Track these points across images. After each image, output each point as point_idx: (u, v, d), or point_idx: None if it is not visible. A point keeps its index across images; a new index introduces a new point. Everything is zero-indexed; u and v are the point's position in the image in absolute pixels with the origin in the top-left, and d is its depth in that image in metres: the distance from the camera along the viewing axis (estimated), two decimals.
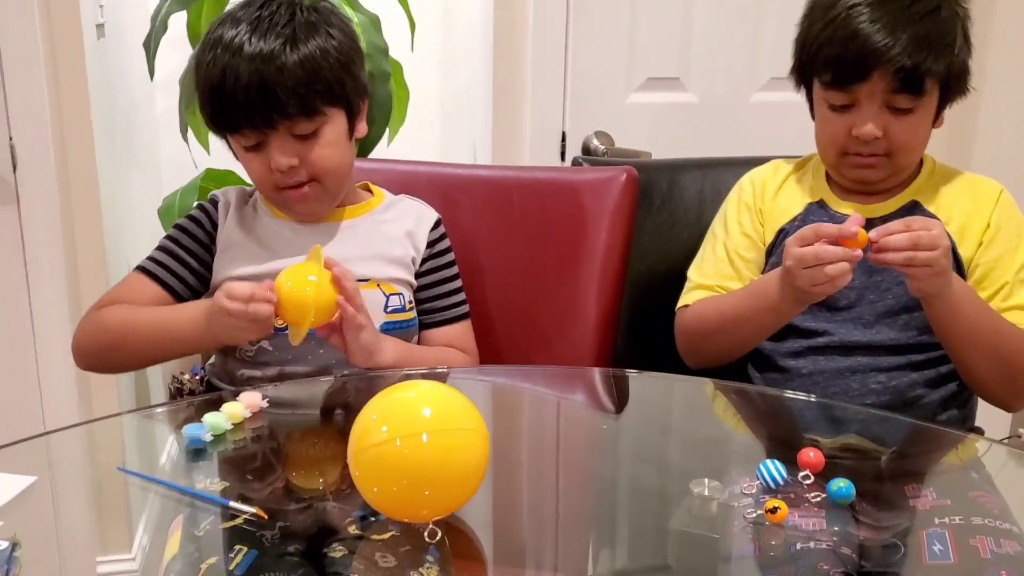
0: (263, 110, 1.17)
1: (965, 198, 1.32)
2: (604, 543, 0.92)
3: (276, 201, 1.28)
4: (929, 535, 0.84)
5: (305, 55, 1.17)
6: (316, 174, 1.23)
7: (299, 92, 1.17)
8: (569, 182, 1.49)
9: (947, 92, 1.28)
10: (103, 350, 1.24)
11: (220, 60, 1.17)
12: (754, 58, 2.08)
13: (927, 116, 1.28)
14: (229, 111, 1.18)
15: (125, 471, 0.96)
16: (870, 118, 1.26)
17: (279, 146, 1.20)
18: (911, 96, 1.24)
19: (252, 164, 1.23)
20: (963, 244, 1.30)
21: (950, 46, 1.24)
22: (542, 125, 2.06)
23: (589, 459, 1.10)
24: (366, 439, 0.79)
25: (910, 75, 1.22)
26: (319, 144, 1.21)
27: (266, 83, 1.15)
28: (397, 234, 1.32)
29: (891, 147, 1.28)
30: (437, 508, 0.81)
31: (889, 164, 1.29)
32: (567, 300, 1.44)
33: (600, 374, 1.34)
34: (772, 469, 0.89)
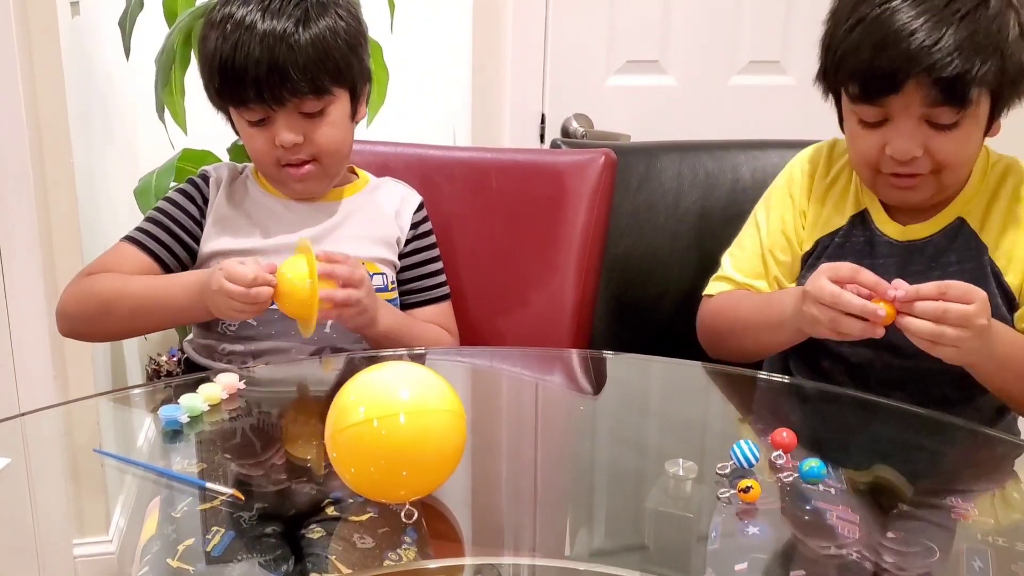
0: (273, 87, 1.18)
1: (1015, 213, 1.16)
2: (581, 523, 0.93)
3: (274, 178, 1.29)
4: (969, 549, 0.82)
5: (316, 34, 1.19)
6: (318, 153, 1.24)
7: (309, 71, 1.18)
8: (548, 164, 1.49)
9: (1000, 98, 1.10)
10: (91, 316, 1.23)
11: (231, 36, 1.18)
12: (733, 41, 2.09)
13: (976, 128, 1.10)
14: (238, 86, 1.19)
15: (101, 453, 0.96)
16: (906, 135, 1.09)
17: (286, 123, 1.21)
18: (955, 108, 1.06)
19: (255, 139, 1.24)
20: (1010, 272, 1.16)
21: (1001, 46, 1.06)
22: (521, 108, 2.06)
23: (566, 440, 1.11)
24: (343, 420, 0.79)
25: (951, 85, 1.04)
26: (324, 123, 1.23)
27: (278, 61, 1.17)
28: (383, 215, 1.34)
29: (935, 166, 1.11)
30: (414, 489, 0.81)
31: (934, 183, 1.13)
32: (545, 282, 1.44)
33: (578, 356, 1.35)
34: (745, 449, 0.90)
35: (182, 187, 1.32)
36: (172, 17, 1.77)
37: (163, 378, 2.19)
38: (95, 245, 1.89)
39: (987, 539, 0.84)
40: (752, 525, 0.84)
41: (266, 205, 1.30)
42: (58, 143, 1.73)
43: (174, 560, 0.77)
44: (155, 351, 2.32)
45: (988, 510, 0.93)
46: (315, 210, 1.31)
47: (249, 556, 0.78)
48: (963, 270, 1.16)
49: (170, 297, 1.20)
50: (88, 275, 1.24)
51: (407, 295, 1.35)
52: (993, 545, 0.83)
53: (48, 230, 1.76)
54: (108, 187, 2.07)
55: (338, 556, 0.78)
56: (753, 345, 1.25)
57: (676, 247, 1.52)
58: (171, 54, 1.71)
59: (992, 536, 0.84)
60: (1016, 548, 0.83)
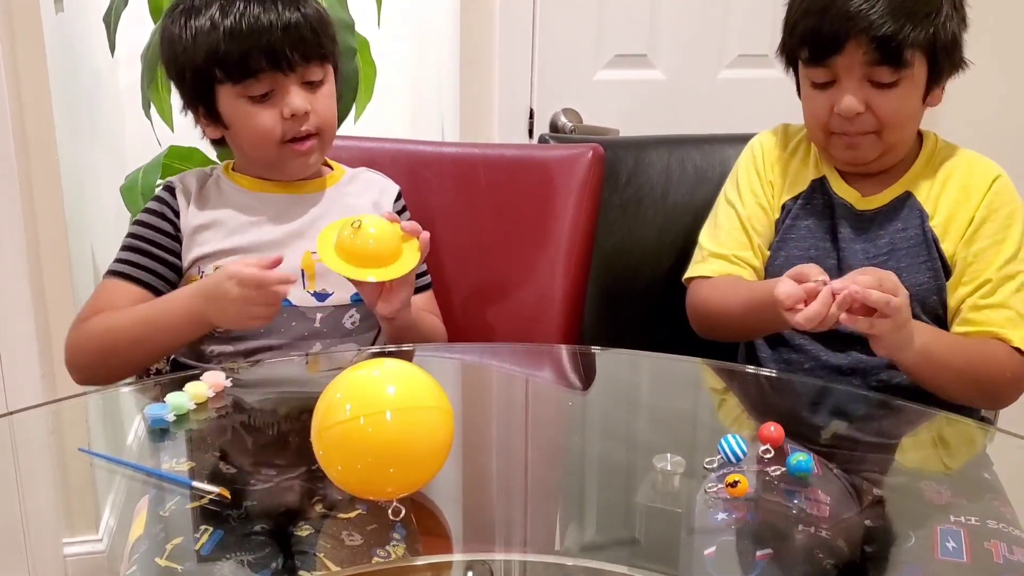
0: (285, 50, 1.19)
1: (956, 188, 1.27)
2: (571, 518, 0.93)
3: (274, 158, 1.26)
4: (943, 531, 0.83)
5: (313, 9, 1.24)
6: (321, 125, 1.25)
7: (317, 34, 1.22)
8: (536, 159, 1.49)
9: (936, 65, 1.22)
10: (94, 362, 1.21)
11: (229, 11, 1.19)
12: (721, 35, 2.08)
13: (913, 90, 1.22)
14: (247, 56, 1.18)
15: (87, 452, 0.96)
16: (850, 93, 1.21)
17: (296, 91, 1.22)
18: (892, 68, 1.19)
19: (259, 117, 1.22)
20: (946, 239, 1.26)
21: (933, 14, 1.19)
22: (510, 102, 2.06)
23: (556, 435, 1.11)
24: (330, 417, 0.79)
25: (887, 44, 1.17)
26: (323, 94, 1.25)
27: (289, 22, 1.19)
28: (363, 206, 1.33)
29: (878, 124, 1.23)
30: (402, 486, 0.81)
31: (878, 142, 1.25)
32: (534, 277, 1.44)
33: (567, 351, 1.35)
34: (733, 443, 0.91)
35: (150, 206, 1.29)
36: (157, 13, 1.76)
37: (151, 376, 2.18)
38: (81, 243, 1.89)
39: (959, 519, 0.85)
40: (720, 512, 0.85)
41: (244, 202, 1.29)
42: (43, 140, 1.72)
43: (162, 559, 0.77)
44: None
45: (961, 492, 0.95)
46: (295, 203, 1.29)
47: (237, 555, 0.78)
48: (907, 236, 1.27)
49: (167, 320, 1.18)
50: (83, 321, 1.22)
51: None
52: (966, 525, 0.84)
53: (34, 228, 1.75)
54: (94, 184, 2.06)
55: (326, 554, 0.78)
56: (742, 332, 1.35)
57: (665, 241, 1.52)
58: (157, 50, 1.70)
59: (965, 516, 0.86)
60: (988, 526, 0.85)
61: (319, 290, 1.26)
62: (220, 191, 1.30)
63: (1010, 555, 0.81)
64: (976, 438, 1.12)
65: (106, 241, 2.09)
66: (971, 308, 1.24)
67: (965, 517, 0.86)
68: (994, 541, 0.82)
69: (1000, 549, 0.81)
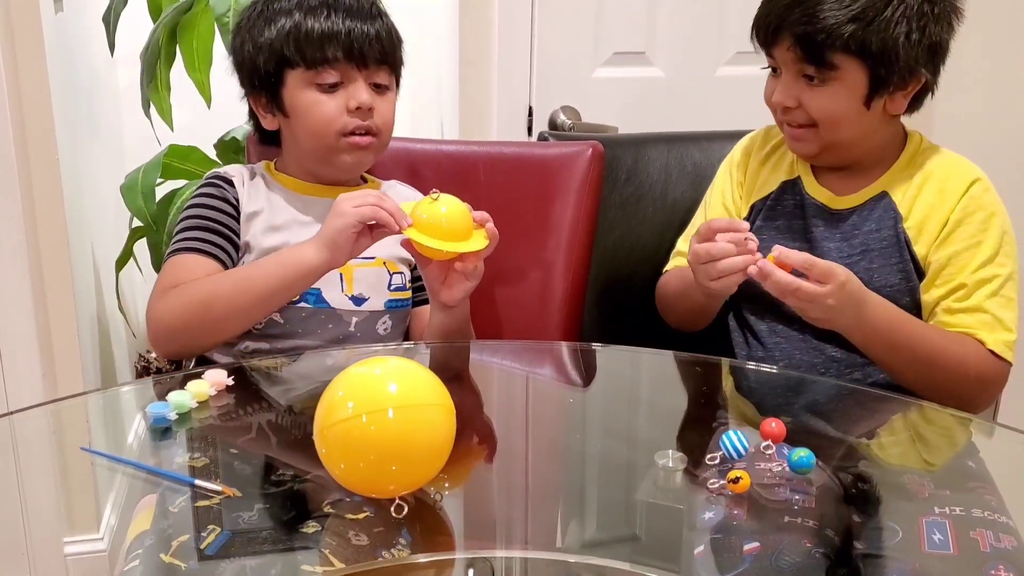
0: (363, 46, 1.25)
1: (932, 191, 1.26)
2: (572, 515, 0.93)
3: (328, 150, 1.28)
4: (928, 523, 0.83)
5: (391, 23, 1.31)
6: (380, 127, 1.29)
7: (392, 43, 1.29)
8: (536, 157, 1.49)
9: (876, 72, 1.19)
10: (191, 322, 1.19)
11: (320, 7, 1.25)
12: (720, 33, 2.08)
13: (846, 94, 1.21)
14: (325, 44, 1.24)
15: (89, 451, 0.96)
16: (784, 84, 1.24)
17: (364, 87, 1.26)
18: (816, 67, 1.20)
19: (323, 106, 1.26)
20: (919, 241, 1.25)
21: (868, 20, 1.16)
22: (509, 100, 2.05)
23: (557, 433, 1.11)
24: (332, 415, 0.79)
25: (808, 43, 1.18)
26: (388, 100, 1.31)
27: (370, 27, 1.26)
28: None
29: (809, 120, 1.24)
30: (404, 483, 0.81)
31: (816, 138, 1.25)
32: (534, 275, 1.45)
33: (568, 348, 1.35)
34: (735, 440, 0.91)
35: (209, 191, 1.31)
36: (157, 12, 1.76)
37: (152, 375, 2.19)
38: (81, 242, 1.88)
39: (944, 510, 0.86)
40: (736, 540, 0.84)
41: (288, 201, 1.31)
42: (43, 140, 1.72)
43: (167, 556, 0.77)
44: (144, 348, 2.31)
45: (944, 482, 0.95)
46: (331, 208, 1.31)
47: (242, 556, 0.78)
48: (880, 237, 1.27)
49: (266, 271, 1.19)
50: (165, 292, 1.21)
51: (418, 292, 1.35)
52: (951, 515, 0.85)
53: (34, 227, 1.75)
54: (94, 184, 2.06)
55: (332, 550, 0.78)
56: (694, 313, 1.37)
57: (665, 238, 1.52)
58: (156, 50, 1.71)
59: (949, 507, 0.86)
60: (973, 515, 0.85)
61: (356, 294, 1.29)
62: (268, 188, 1.33)
63: (996, 543, 0.81)
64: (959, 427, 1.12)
65: (106, 240, 2.10)
66: (945, 311, 1.24)
67: (950, 508, 0.86)
68: (980, 530, 0.82)
69: (986, 538, 0.81)
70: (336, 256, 1.16)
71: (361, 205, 1.14)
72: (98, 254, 2.03)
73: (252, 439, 1.01)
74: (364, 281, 1.29)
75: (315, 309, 1.27)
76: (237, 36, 1.32)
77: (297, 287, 1.21)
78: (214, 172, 1.34)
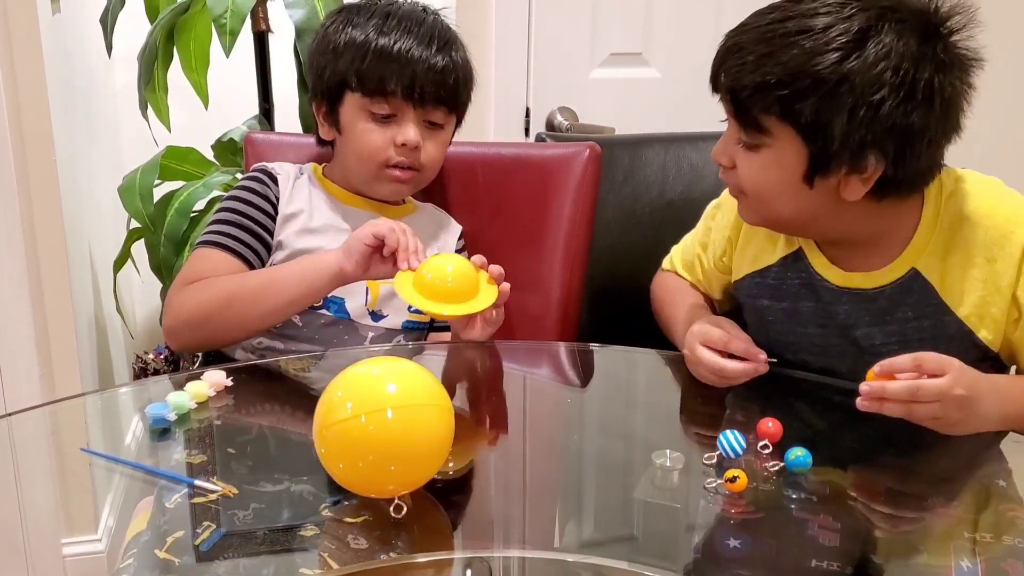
0: (425, 84, 1.25)
1: (979, 262, 1.04)
2: (570, 515, 0.93)
3: (371, 176, 1.30)
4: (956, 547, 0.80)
5: (463, 60, 1.30)
6: (425, 164, 1.30)
7: (456, 85, 1.28)
8: (533, 158, 1.49)
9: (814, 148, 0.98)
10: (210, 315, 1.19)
11: (389, 30, 1.25)
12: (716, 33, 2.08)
13: (776, 164, 1.02)
14: (388, 75, 1.24)
15: (89, 452, 0.96)
16: (723, 140, 1.08)
17: (414, 124, 1.27)
18: (744, 128, 1.03)
19: (373, 134, 1.27)
20: (982, 328, 1.05)
21: (807, 85, 0.96)
22: (506, 101, 2.06)
23: (555, 433, 1.12)
24: (331, 415, 0.79)
25: (734, 98, 1.02)
26: (438, 139, 1.31)
27: (436, 65, 1.25)
28: (428, 239, 1.34)
29: (738, 186, 1.08)
30: (403, 483, 0.82)
31: (748, 206, 1.10)
32: (532, 275, 1.45)
33: (565, 348, 1.36)
34: (732, 439, 0.91)
35: (251, 186, 1.31)
36: (154, 14, 1.76)
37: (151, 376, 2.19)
38: (79, 243, 1.88)
39: (973, 536, 0.83)
40: (733, 539, 0.84)
41: (329, 207, 1.32)
42: (40, 141, 1.72)
43: (161, 551, 0.77)
44: (142, 349, 2.31)
45: (972, 505, 0.92)
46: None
47: (237, 554, 0.78)
48: (920, 327, 1.08)
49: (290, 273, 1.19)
50: (186, 283, 1.22)
51: None
52: (980, 543, 0.82)
53: (32, 229, 1.75)
54: (91, 185, 2.06)
55: (330, 553, 0.78)
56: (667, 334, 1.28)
57: (662, 238, 1.52)
58: (154, 51, 1.71)
59: (980, 533, 0.83)
60: (1003, 543, 0.82)
61: (377, 309, 1.30)
62: (312, 191, 1.34)
63: None
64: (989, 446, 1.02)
65: (103, 241, 2.09)
66: None
67: (980, 535, 0.83)
68: (1011, 561, 0.78)
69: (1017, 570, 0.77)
70: (348, 263, 1.15)
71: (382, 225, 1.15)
72: (96, 255, 2.03)
73: (251, 440, 1.01)
74: (387, 299, 1.31)
75: (335, 319, 1.28)
76: (315, 38, 1.33)
77: (317, 292, 1.21)
78: (261, 166, 1.35)
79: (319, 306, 1.26)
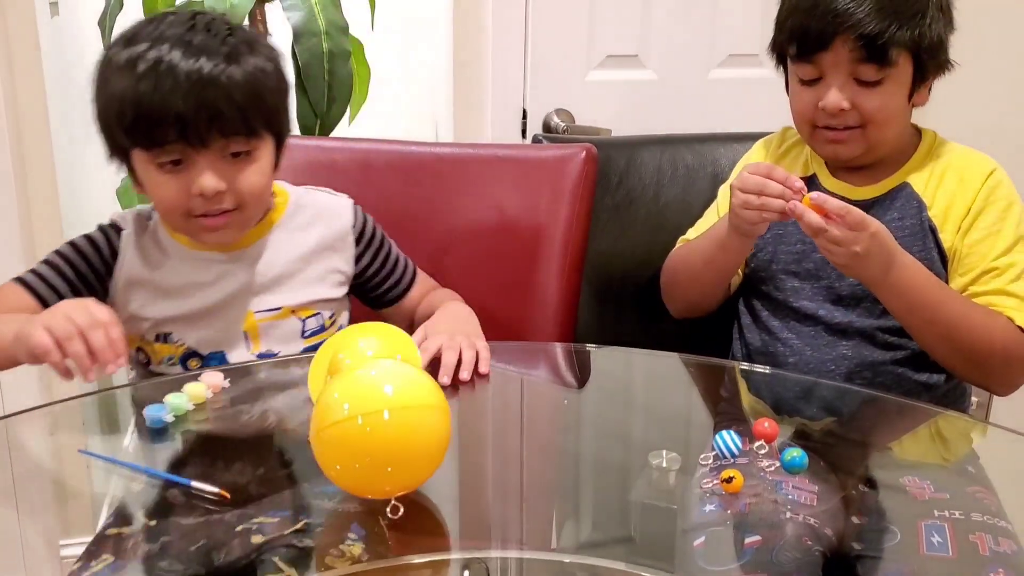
0: (200, 126, 1.06)
1: (953, 180, 1.28)
2: (567, 516, 0.94)
3: (181, 228, 1.16)
4: (927, 526, 0.83)
5: (249, 72, 1.09)
6: (242, 200, 1.12)
7: (243, 109, 1.08)
8: (530, 159, 1.50)
9: (921, 65, 1.23)
10: None
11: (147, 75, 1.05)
12: (712, 35, 2.09)
13: (899, 89, 1.24)
14: (155, 126, 1.06)
15: (87, 453, 0.96)
16: (836, 89, 1.23)
17: (209, 166, 1.09)
18: (877, 66, 1.21)
19: (165, 187, 1.10)
20: (944, 230, 1.27)
21: (919, 15, 1.21)
22: (503, 103, 2.06)
23: (552, 434, 1.12)
24: (328, 417, 0.79)
25: (873, 43, 1.19)
26: (250, 168, 1.12)
27: (208, 99, 1.06)
28: (311, 248, 1.24)
29: (862, 120, 1.24)
30: (400, 485, 0.82)
31: (862, 138, 1.26)
32: (528, 277, 1.45)
33: (562, 349, 1.36)
34: (728, 440, 0.91)
35: (92, 236, 1.19)
36: None
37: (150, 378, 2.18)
38: None
39: (943, 514, 0.86)
40: (729, 539, 0.85)
41: (183, 262, 1.19)
42: (39, 143, 1.73)
43: None
44: None
45: (944, 486, 0.95)
46: (236, 260, 1.20)
47: None
48: (903, 226, 1.27)
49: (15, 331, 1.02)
50: None
51: (388, 292, 1.33)
52: (950, 519, 0.85)
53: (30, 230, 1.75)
54: (89, 186, 2.06)
55: (327, 556, 0.78)
56: (701, 281, 1.38)
57: (658, 240, 1.52)
58: None
59: (948, 510, 0.86)
60: (972, 519, 0.85)
61: (265, 351, 1.21)
62: (159, 245, 1.20)
63: (996, 547, 0.81)
64: (961, 432, 1.13)
65: None
66: (971, 296, 1.25)
67: (949, 511, 0.86)
68: (979, 534, 0.82)
69: (986, 541, 0.81)
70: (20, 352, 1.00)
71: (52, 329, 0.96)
72: None
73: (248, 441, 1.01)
74: (272, 335, 1.20)
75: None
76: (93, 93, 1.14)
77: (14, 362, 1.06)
78: (112, 219, 1.21)
79: (196, 368, 1.17)
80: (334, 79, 1.72)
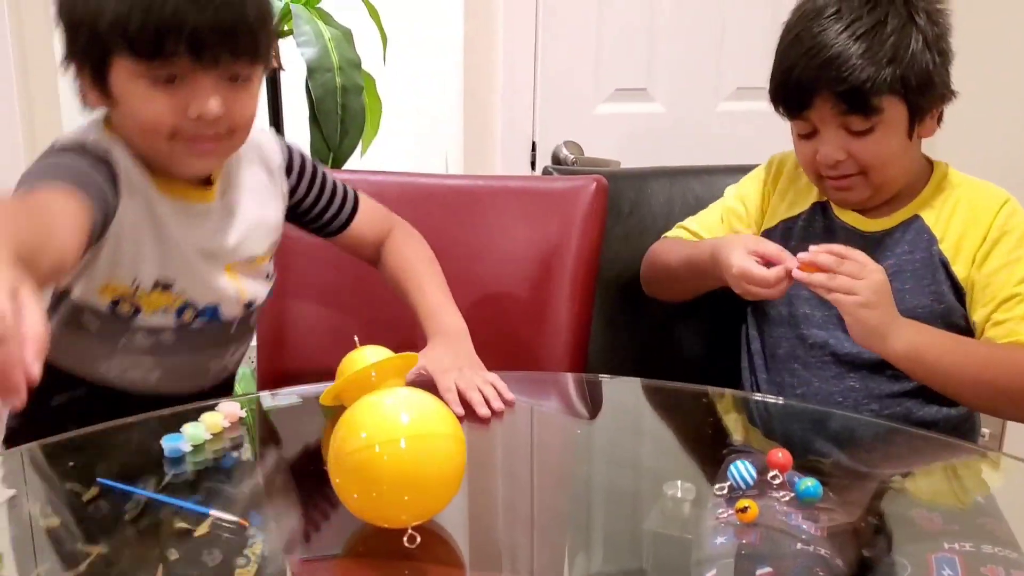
0: (213, 41, 0.99)
1: (964, 212, 1.27)
2: (580, 546, 0.93)
3: (165, 153, 1.06)
4: (938, 559, 0.83)
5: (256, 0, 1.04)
6: (235, 127, 1.06)
7: (255, 30, 1.02)
8: (540, 191, 1.51)
9: (914, 103, 1.22)
10: None
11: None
12: (719, 68, 2.12)
13: (893, 132, 1.23)
14: (166, 36, 0.97)
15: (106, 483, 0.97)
16: (828, 142, 1.24)
17: (213, 87, 1.02)
18: (863, 116, 1.21)
19: (154, 103, 1.01)
20: (957, 262, 1.26)
21: (899, 58, 1.19)
22: (512, 135, 2.08)
23: (564, 464, 1.12)
24: (345, 445, 0.80)
25: (854, 95, 1.19)
26: (248, 95, 1.06)
27: (223, 14, 0.99)
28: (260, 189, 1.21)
29: (860, 168, 1.25)
30: (416, 513, 0.82)
31: (866, 184, 1.27)
32: (539, 308, 1.46)
33: (573, 379, 1.36)
34: (742, 470, 0.92)
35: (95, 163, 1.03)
36: None
37: None
38: None
39: (954, 546, 0.85)
40: (715, 541, 0.85)
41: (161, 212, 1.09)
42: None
43: None
44: None
45: (954, 518, 0.95)
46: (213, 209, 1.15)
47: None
48: (914, 259, 1.28)
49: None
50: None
51: (329, 224, 1.30)
52: (961, 552, 0.84)
53: None
54: None
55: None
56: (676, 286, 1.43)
57: None
58: None
59: (959, 542, 0.86)
60: (983, 551, 0.85)
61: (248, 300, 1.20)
62: (132, 184, 1.06)
63: None
64: (971, 463, 1.12)
65: None
66: (993, 324, 1.23)
67: (960, 543, 0.86)
68: (991, 566, 0.82)
69: (997, 574, 0.80)
70: None
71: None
72: None
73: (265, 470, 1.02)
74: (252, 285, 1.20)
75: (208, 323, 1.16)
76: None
77: None
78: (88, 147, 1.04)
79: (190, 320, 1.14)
80: (347, 113, 1.74)
